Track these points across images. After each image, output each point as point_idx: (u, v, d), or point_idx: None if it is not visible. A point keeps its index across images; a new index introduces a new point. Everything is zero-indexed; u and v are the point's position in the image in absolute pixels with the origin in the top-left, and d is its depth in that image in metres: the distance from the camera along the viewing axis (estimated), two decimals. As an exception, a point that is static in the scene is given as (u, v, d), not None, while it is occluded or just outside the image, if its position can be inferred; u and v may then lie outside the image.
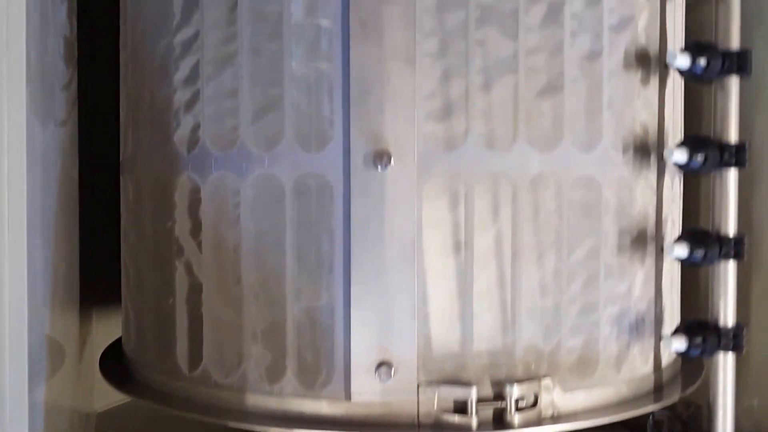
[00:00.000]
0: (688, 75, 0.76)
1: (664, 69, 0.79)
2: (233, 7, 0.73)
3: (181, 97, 0.77)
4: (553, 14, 0.72)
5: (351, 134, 0.69)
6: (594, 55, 0.74)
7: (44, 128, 0.64)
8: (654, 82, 0.80)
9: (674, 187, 0.83)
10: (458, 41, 0.70)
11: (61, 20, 0.76)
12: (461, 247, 0.71)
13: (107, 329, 1.10)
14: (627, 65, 0.77)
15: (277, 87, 0.72)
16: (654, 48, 0.80)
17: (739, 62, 0.75)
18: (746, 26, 0.78)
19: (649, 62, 0.79)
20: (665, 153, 0.75)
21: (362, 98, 0.69)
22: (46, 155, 0.67)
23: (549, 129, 0.73)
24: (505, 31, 0.71)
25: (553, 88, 0.72)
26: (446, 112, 0.70)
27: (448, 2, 0.70)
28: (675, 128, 0.82)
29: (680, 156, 0.75)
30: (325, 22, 0.70)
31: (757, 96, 0.85)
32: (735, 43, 0.76)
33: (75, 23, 0.86)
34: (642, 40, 0.78)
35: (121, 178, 0.90)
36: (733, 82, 0.76)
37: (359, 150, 0.69)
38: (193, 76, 0.76)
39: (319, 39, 0.70)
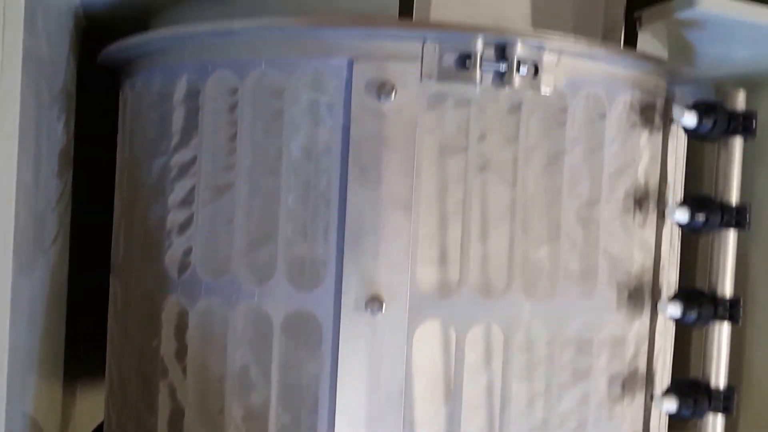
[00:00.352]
0: (686, 228, 0.76)
1: (662, 215, 0.79)
2: (233, 138, 0.73)
3: (174, 218, 0.76)
4: (553, 163, 0.72)
5: (344, 276, 0.68)
6: (592, 203, 0.74)
7: (31, 272, 0.63)
8: (651, 223, 0.79)
9: (667, 328, 0.82)
10: (457, 188, 0.69)
11: (57, 136, 0.75)
12: (450, 395, 0.70)
13: (92, 405, 1.08)
14: (625, 209, 0.77)
15: (272, 221, 0.71)
16: (653, 188, 0.79)
17: (738, 217, 0.74)
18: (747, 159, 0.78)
19: (648, 204, 0.79)
20: (659, 306, 0.75)
21: (357, 241, 0.68)
22: (33, 287, 0.66)
23: (544, 277, 0.72)
24: (503, 179, 0.70)
25: (549, 236, 0.72)
26: (442, 259, 0.70)
27: (448, 150, 0.69)
28: (671, 273, 0.82)
29: (674, 310, 0.74)
30: (323, 163, 0.69)
31: (754, 243, 0.85)
32: (734, 196, 0.76)
33: (72, 129, 0.86)
34: (642, 182, 0.78)
35: (110, 278, 0.89)
36: (731, 235, 0.76)
37: (351, 293, 0.68)
38: (189, 200, 0.75)
39: (318, 179, 0.70)
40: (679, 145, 0.84)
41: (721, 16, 0.77)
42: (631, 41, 0.86)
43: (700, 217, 0.74)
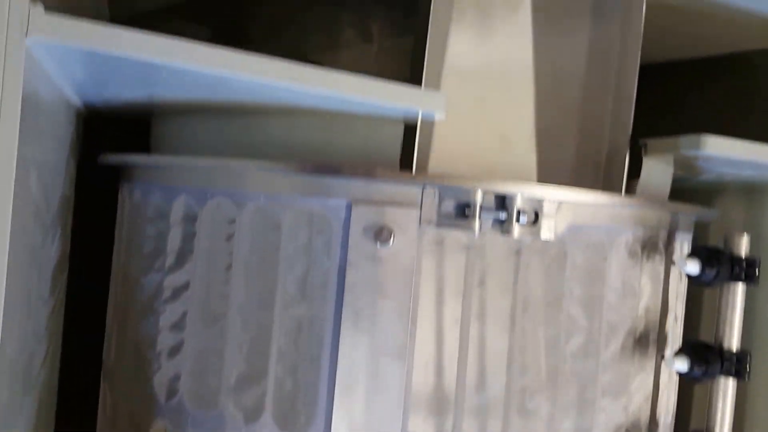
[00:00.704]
0: (686, 377, 0.75)
1: (661, 355, 0.77)
2: (228, 267, 0.72)
3: (164, 341, 0.75)
4: (552, 307, 0.71)
5: (333, 423, 0.67)
6: (591, 345, 0.73)
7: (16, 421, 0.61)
8: (650, 366, 0.78)
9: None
10: (453, 336, 0.68)
11: (50, 256, 0.74)
12: None
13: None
14: (623, 351, 0.75)
15: (262, 359, 0.70)
16: (653, 325, 0.78)
17: (737, 366, 0.73)
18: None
19: (647, 345, 0.77)
20: (655, 456, 0.74)
21: (348, 387, 0.67)
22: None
23: (540, 424, 0.70)
24: (501, 325, 0.69)
25: (546, 383, 0.71)
26: (436, 409, 0.68)
27: (446, 296, 0.68)
28: (669, 411, 0.80)
29: (670, 460, 0.73)
30: (317, 303, 0.68)
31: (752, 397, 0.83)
32: (735, 343, 0.75)
33: (69, 233, 0.85)
34: (642, 323, 0.77)
35: (101, 379, 0.88)
36: (730, 385, 0.74)
37: (340, 440, 0.67)
38: (180, 325, 0.74)
39: (311, 319, 0.69)
40: (680, 278, 0.83)
41: (724, 155, 0.77)
42: (635, 154, 0.85)
43: (700, 369, 0.72)
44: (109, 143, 1.00)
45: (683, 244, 0.84)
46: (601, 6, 0.85)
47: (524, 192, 0.66)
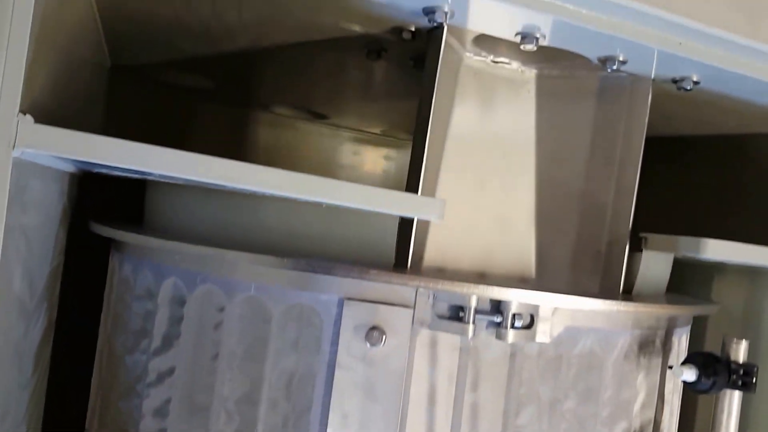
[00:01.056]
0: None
1: (656, 457, 0.76)
2: (214, 357, 0.70)
3: (147, 426, 0.73)
4: (545, 414, 0.69)
5: None
6: (584, 451, 0.71)
7: None
8: (644, 464, 0.76)
9: None
10: (443, 440, 0.66)
11: (34, 338, 0.72)
12: None
13: None
14: (618, 452, 0.73)
15: (246, 455, 0.68)
16: (649, 424, 0.76)
17: (734, 477, 0.71)
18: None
19: (641, 444, 0.75)
20: None
21: (333, 492, 0.65)
22: None
23: None
24: (493, 431, 0.67)
25: (536, 488, 0.69)
26: None
27: (438, 399, 0.66)
28: None
29: None
30: (304, 401, 0.66)
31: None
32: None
33: (57, 302, 0.83)
34: (637, 421, 0.75)
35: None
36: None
37: None
38: (163, 412, 0.72)
39: (297, 418, 0.67)
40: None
41: (724, 259, 0.76)
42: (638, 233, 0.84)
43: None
44: (104, 201, 0.99)
45: (681, 338, 0.83)
46: (606, 91, 0.84)
47: (520, 298, 0.64)
